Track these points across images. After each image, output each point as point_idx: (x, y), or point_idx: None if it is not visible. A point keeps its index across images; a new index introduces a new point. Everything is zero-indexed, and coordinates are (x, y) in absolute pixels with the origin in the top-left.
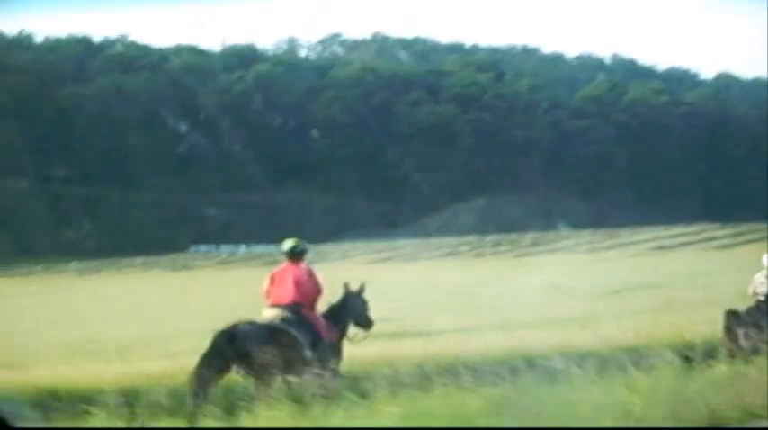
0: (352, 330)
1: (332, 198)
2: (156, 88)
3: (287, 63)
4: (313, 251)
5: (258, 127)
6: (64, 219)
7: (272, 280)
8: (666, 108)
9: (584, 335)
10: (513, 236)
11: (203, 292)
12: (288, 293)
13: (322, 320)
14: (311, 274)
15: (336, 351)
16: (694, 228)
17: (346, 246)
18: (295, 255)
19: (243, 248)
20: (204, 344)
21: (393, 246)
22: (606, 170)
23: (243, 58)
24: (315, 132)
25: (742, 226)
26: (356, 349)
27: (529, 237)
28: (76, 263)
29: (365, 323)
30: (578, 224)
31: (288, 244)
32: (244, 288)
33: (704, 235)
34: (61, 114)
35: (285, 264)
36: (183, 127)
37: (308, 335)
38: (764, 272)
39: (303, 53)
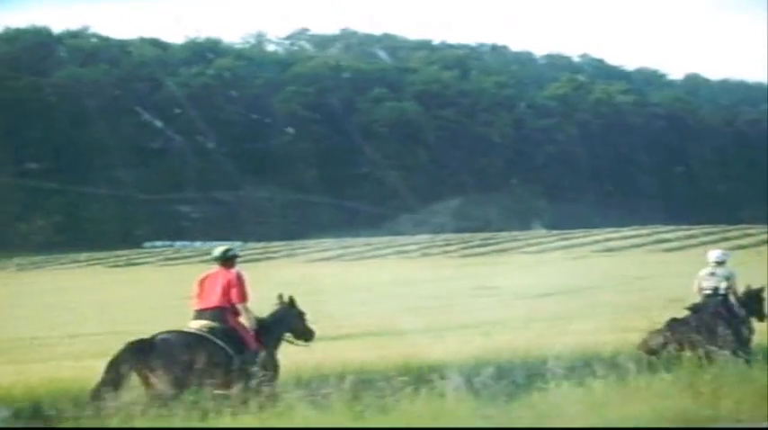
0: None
1: (292, 194)
2: (115, 80)
3: (249, 57)
4: (263, 249)
5: (218, 121)
6: (15, 213)
7: (202, 284)
8: (631, 108)
9: (479, 341)
10: (465, 235)
11: (131, 290)
12: (215, 298)
13: (249, 330)
14: (240, 280)
15: (266, 362)
16: (646, 229)
17: (295, 245)
18: (226, 260)
19: (198, 244)
20: (95, 347)
21: (341, 244)
22: (568, 169)
23: (205, 51)
24: (275, 127)
25: (695, 228)
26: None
27: (479, 237)
28: (19, 258)
29: (303, 334)
30: (542, 224)
31: (219, 248)
32: (176, 286)
33: (655, 237)
34: (18, 106)
35: (216, 268)
36: (141, 120)
37: (234, 346)
38: (709, 268)
39: (271, 48)
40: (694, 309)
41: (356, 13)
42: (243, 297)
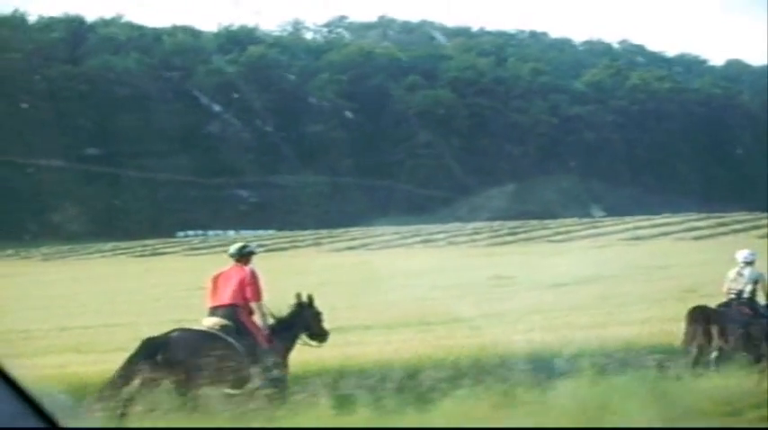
0: None
1: (325, 182)
2: (146, 68)
3: (282, 45)
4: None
5: (251, 110)
6: (48, 202)
7: (216, 281)
8: (669, 95)
9: (474, 335)
10: (495, 224)
11: (144, 281)
12: (228, 295)
13: (262, 329)
14: (255, 278)
15: (278, 362)
16: (677, 217)
17: (322, 234)
18: (242, 257)
19: (231, 233)
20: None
21: (368, 233)
22: (604, 156)
23: (238, 39)
24: (309, 115)
25: (727, 216)
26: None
27: (509, 225)
28: (47, 247)
29: (318, 334)
30: (574, 211)
31: (235, 245)
32: (189, 276)
33: (686, 225)
34: (50, 95)
35: (231, 265)
36: (172, 108)
37: (247, 345)
38: (736, 268)
39: (309, 35)
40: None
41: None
42: (257, 295)
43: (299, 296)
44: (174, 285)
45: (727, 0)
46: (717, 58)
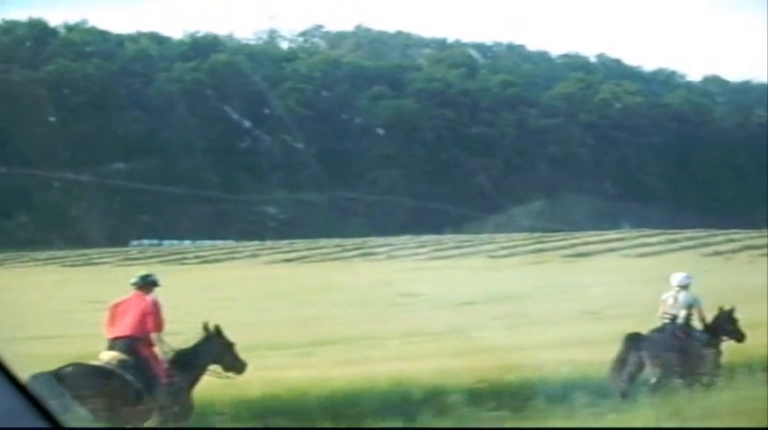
0: None
1: (285, 194)
2: (106, 75)
3: (246, 53)
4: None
5: (211, 118)
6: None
7: (114, 311)
8: (639, 109)
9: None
10: (446, 238)
11: (49, 292)
12: (127, 326)
13: (162, 362)
14: (157, 308)
15: (180, 397)
16: (630, 233)
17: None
18: (145, 286)
19: (187, 243)
20: None
21: (309, 245)
22: (571, 170)
23: (202, 46)
24: (271, 124)
25: (681, 232)
26: None
27: (460, 238)
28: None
29: (233, 366)
30: (538, 225)
31: (139, 273)
32: (95, 288)
33: (636, 241)
34: (8, 99)
35: (132, 294)
36: (131, 115)
37: (146, 380)
38: (672, 292)
39: (284, 45)
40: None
41: (373, 10)
42: (158, 326)
43: (206, 326)
44: (80, 298)
45: (708, 16)
46: (695, 74)
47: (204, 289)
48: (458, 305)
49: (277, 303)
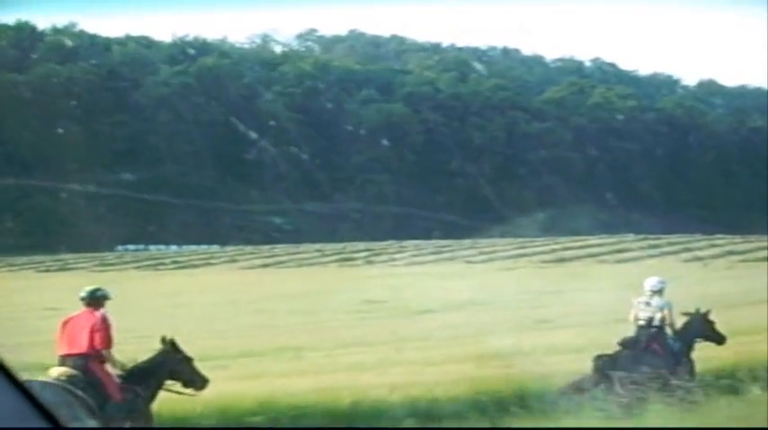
0: None
1: (274, 198)
2: (93, 78)
3: (234, 56)
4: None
5: (198, 122)
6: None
7: (65, 327)
8: (631, 113)
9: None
10: (424, 243)
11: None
12: (78, 343)
13: (113, 378)
14: (106, 324)
15: (134, 414)
16: (612, 238)
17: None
18: (94, 301)
19: (174, 248)
20: None
21: (289, 250)
22: (562, 174)
23: (191, 50)
24: (258, 129)
25: (664, 237)
26: None
27: (441, 244)
28: None
29: (191, 381)
30: (526, 231)
31: (86, 288)
32: (56, 294)
33: (617, 246)
34: None
35: (82, 310)
36: (118, 119)
37: (97, 397)
38: (644, 297)
39: (278, 49)
40: (625, 344)
41: (368, 15)
42: (107, 342)
43: (163, 340)
44: (34, 305)
45: (704, 21)
46: (690, 78)
47: (162, 296)
48: (415, 313)
49: (231, 311)
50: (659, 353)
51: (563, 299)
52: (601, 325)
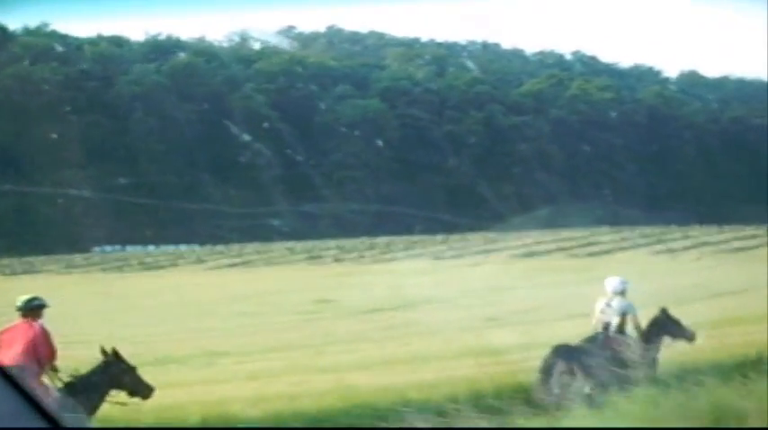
0: None
1: (250, 197)
2: (64, 78)
3: (208, 53)
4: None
5: (172, 120)
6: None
7: (0, 339)
8: (610, 105)
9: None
10: (399, 238)
11: None
12: (13, 355)
13: (53, 391)
14: (46, 335)
15: (78, 425)
16: (583, 232)
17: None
18: (30, 311)
19: (151, 249)
20: None
21: (259, 249)
22: (540, 167)
23: (164, 48)
24: (232, 126)
25: (635, 229)
26: None
27: (413, 239)
28: None
29: (136, 390)
30: (504, 225)
31: (22, 298)
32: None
33: (589, 239)
34: None
35: (18, 321)
36: (88, 119)
37: (34, 411)
38: (605, 298)
39: (257, 46)
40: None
41: (347, 11)
42: (47, 354)
43: (103, 351)
44: None
45: (686, 12)
46: (672, 70)
47: (113, 299)
48: (364, 313)
49: (180, 313)
50: (620, 354)
51: (519, 295)
52: (551, 322)
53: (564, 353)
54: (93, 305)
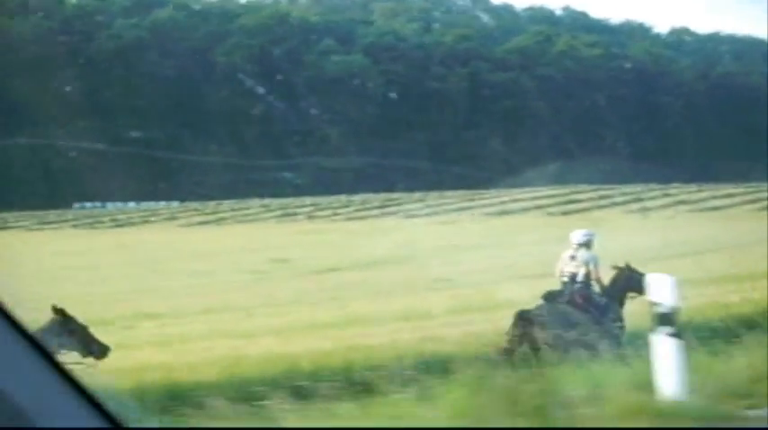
0: None
1: (232, 153)
2: (45, 32)
3: (189, 8)
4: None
5: (152, 76)
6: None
7: None
8: (597, 61)
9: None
10: (376, 196)
11: None
12: None
13: None
14: None
15: None
16: (564, 189)
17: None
18: None
19: (131, 205)
20: None
21: (235, 206)
22: (526, 125)
23: (145, 3)
24: (213, 82)
25: (615, 188)
26: None
27: (385, 197)
28: None
29: (89, 350)
30: (495, 183)
31: None
32: None
33: (567, 197)
34: None
35: None
36: (70, 74)
37: None
38: (570, 250)
39: (241, 0)
40: (547, 297)
41: None
42: None
43: (55, 308)
44: None
45: None
46: (663, 26)
47: (73, 256)
48: (318, 272)
49: (133, 272)
50: (583, 307)
51: (480, 255)
52: (504, 282)
53: (526, 319)
54: (49, 262)
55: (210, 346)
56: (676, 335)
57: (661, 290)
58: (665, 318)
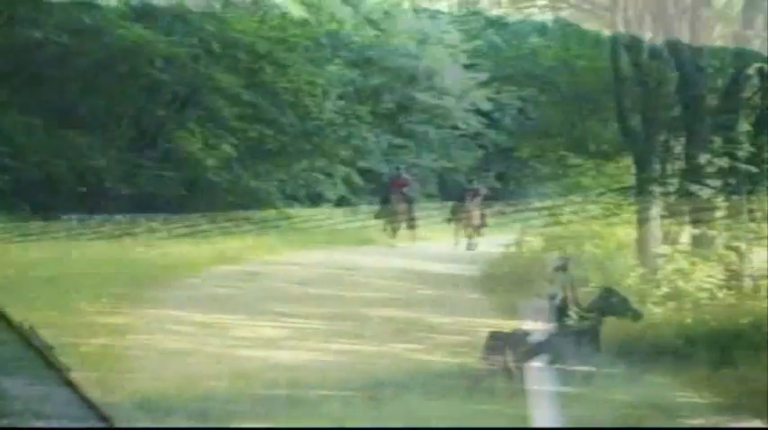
0: None
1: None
2: (30, 43)
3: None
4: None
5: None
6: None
7: None
8: None
9: None
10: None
11: None
12: None
13: None
14: None
15: None
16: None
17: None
18: None
19: (118, 218)
20: None
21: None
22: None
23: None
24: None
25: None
26: None
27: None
28: None
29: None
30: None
31: None
32: None
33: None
34: None
35: None
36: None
37: None
38: (548, 274)
39: None
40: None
41: None
42: None
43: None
44: None
45: None
46: None
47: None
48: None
49: (52, 288)
50: (559, 333)
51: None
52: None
53: (498, 341)
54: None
55: None
56: (552, 362)
57: (530, 316)
58: (538, 347)
